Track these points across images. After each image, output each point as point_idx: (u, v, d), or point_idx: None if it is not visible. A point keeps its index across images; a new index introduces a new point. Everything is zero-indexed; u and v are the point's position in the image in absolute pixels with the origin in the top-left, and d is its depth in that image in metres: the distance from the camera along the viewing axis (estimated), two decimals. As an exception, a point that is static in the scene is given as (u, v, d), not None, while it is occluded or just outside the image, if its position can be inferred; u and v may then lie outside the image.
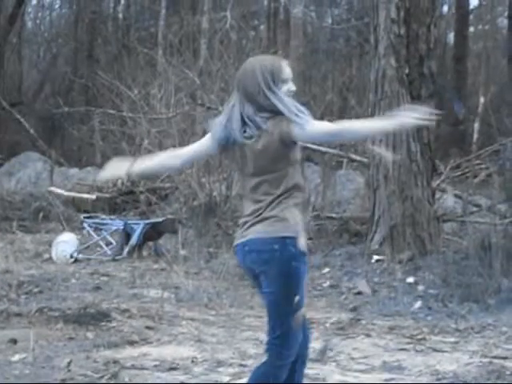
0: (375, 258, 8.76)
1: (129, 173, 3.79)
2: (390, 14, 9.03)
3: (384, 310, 7.30)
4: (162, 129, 13.01)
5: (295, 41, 20.07)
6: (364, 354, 5.72)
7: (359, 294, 7.88)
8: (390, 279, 8.16)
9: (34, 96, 23.40)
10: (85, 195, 13.58)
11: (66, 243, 10.12)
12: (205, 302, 7.51)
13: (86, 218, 11.12)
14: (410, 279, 8.07)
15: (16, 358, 5.38)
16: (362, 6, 20.03)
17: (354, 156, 11.00)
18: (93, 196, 13.40)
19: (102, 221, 10.91)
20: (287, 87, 3.58)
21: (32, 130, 19.48)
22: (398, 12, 9.02)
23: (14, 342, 5.75)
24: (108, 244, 10.35)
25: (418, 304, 7.43)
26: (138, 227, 10.18)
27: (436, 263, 8.34)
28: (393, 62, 9.01)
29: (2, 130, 20.49)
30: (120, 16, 24.99)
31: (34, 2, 26.37)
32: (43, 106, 21.53)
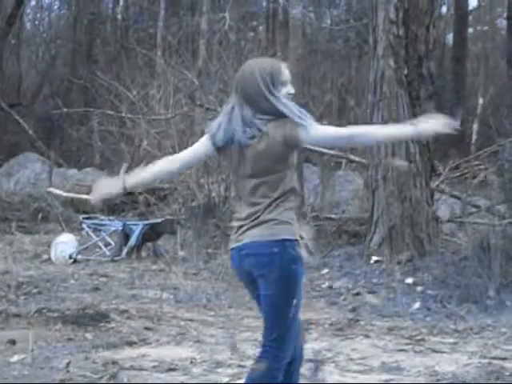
0: (374, 258, 8.76)
1: (124, 188, 3.73)
2: (389, 14, 9.03)
3: (383, 311, 7.30)
4: (161, 129, 13.00)
5: (294, 42, 20.08)
6: (363, 354, 5.71)
7: (358, 294, 7.88)
8: (388, 280, 8.16)
9: (32, 97, 23.38)
10: (84, 196, 13.53)
11: (65, 244, 10.12)
12: (204, 302, 7.51)
13: (84, 218, 11.12)
14: (409, 280, 8.06)
15: (15, 358, 5.38)
16: (361, 7, 20.00)
17: (353, 157, 11.01)
18: (92, 197, 13.36)
19: (100, 222, 10.91)
20: (286, 90, 3.56)
21: (31, 131, 19.45)
22: (397, 13, 9.02)
23: (12, 342, 5.75)
24: (107, 245, 10.35)
25: (416, 305, 7.43)
26: (137, 228, 10.18)
27: (435, 264, 8.32)
28: (392, 62, 9.01)
29: (0, 130, 20.49)
30: (119, 17, 24.94)
31: (33, 3, 26.36)
32: (42, 106, 21.51)
